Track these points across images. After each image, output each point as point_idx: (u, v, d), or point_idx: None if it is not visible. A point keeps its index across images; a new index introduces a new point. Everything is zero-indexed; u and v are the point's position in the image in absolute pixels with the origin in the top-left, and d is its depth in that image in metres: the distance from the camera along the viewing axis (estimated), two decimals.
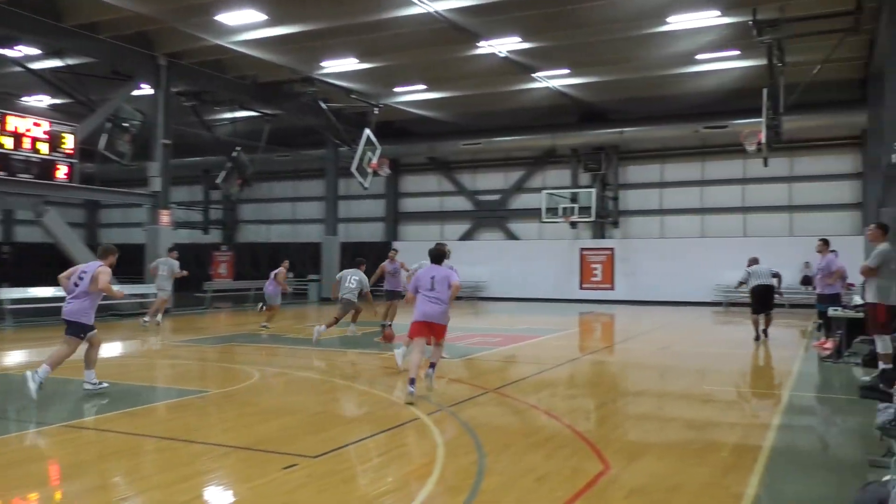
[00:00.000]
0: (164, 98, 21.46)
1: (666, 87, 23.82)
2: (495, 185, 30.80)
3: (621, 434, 6.87)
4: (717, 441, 6.69)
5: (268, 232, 35.90)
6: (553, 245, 28.77)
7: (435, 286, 8.64)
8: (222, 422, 7.35)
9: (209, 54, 21.29)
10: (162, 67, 21.18)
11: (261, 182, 34.93)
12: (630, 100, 25.41)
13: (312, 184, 34.03)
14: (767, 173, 23.78)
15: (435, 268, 8.86)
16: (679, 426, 7.35)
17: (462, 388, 9.21)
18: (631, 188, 28.43)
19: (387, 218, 32.61)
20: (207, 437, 6.67)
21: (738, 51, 19.79)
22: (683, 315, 22.07)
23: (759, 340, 14.93)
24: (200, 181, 36.05)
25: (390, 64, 21.61)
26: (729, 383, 10.08)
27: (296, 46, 20.09)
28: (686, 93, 24.12)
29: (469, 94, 24.82)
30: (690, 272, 26.29)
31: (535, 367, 11.13)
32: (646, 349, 13.69)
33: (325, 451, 6.04)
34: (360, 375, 10.24)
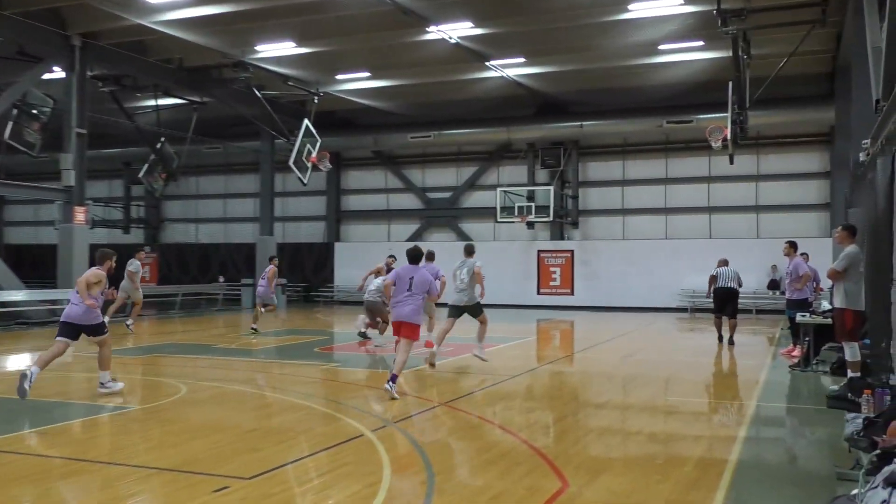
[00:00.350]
0: (79, 82, 20.92)
1: (628, 79, 24.23)
2: (446, 181, 30.90)
3: (581, 449, 6.96)
4: (682, 455, 6.83)
5: (196, 232, 35.39)
6: (508, 247, 28.98)
7: (413, 287, 9.72)
8: (145, 441, 7.23)
9: (130, 35, 20.81)
10: (76, 48, 20.65)
11: (188, 177, 34.35)
12: (590, 91, 25.77)
13: (246, 179, 33.69)
14: (733, 171, 24.37)
15: (414, 268, 9.91)
16: (642, 440, 7.49)
17: (410, 402, 9.21)
18: (591, 186, 28.84)
19: (328, 217, 32.41)
20: (128, 457, 6.53)
21: (703, 41, 20.24)
22: (647, 322, 22.46)
23: (722, 341, 15.98)
24: (120, 175, 35.32)
25: (332, 49, 21.47)
26: (694, 394, 10.29)
27: (227, 28, 19.80)
28: (649, 85, 24.58)
29: (418, 83, 24.84)
30: (654, 276, 26.80)
31: (490, 379, 11.18)
32: (608, 358, 13.88)
33: (260, 472, 5.97)
34: (298, 388, 10.15)
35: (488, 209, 28.45)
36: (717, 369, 13.10)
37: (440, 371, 11.86)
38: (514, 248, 28.97)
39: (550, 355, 15.36)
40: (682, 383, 11.16)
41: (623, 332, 19.25)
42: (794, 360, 12.76)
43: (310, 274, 32.19)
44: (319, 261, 32.11)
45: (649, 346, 16.41)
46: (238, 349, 14.87)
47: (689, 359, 14.08)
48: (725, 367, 13.25)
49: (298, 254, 32.36)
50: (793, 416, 9.13)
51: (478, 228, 30.16)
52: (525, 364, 13.37)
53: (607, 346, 16.19)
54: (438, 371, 11.87)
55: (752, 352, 15.33)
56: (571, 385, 11.37)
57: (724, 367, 13.34)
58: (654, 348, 15.89)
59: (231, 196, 34.65)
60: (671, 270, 26.60)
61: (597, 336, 18.91)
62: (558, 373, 12.48)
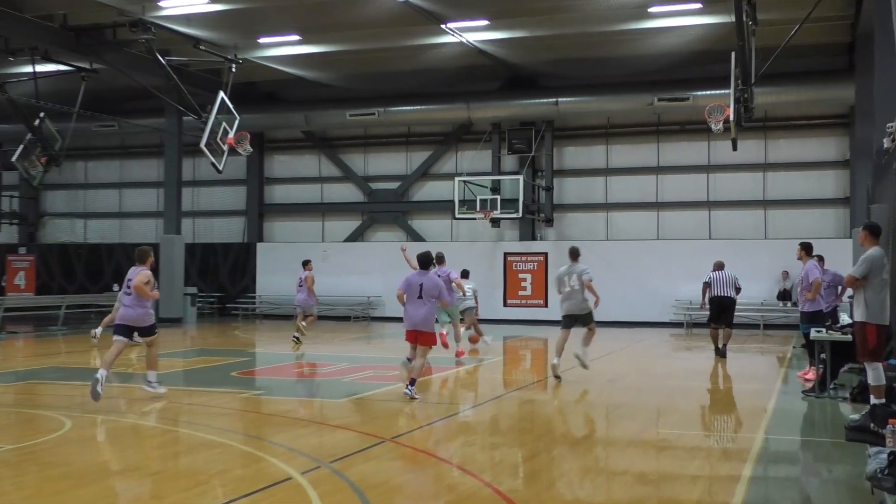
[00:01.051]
0: None
1: (612, 48, 24.44)
2: (394, 169, 30.86)
3: (557, 494, 6.99)
4: (677, 499, 6.90)
5: (85, 229, 34.81)
6: (469, 249, 29.01)
7: (423, 294, 11.45)
8: (19, 489, 7.08)
9: None
10: None
11: (75, 161, 33.71)
12: (567, 62, 25.93)
13: (147, 165, 33.24)
14: (737, 159, 24.68)
15: (423, 274, 11.69)
16: (629, 481, 7.54)
17: (349, 437, 9.17)
18: (569, 175, 29.01)
19: (248, 211, 32.13)
20: None
21: (700, 4, 20.51)
22: (635, 339, 22.67)
23: (718, 355, 17.14)
24: None
25: (252, 6, 21.27)
26: (691, 425, 10.42)
27: None
28: (637, 55, 24.83)
29: (359, 50, 24.75)
30: (644, 284, 27.04)
31: (446, 408, 11.17)
32: (588, 383, 13.95)
33: None
34: (212, 422, 10.04)
35: (444, 203, 28.46)
36: (719, 396, 13.28)
37: (386, 399, 11.83)
38: (475, 250, 29.01)
39: (519, 380, 15.39)
40: (676, 413, 11.29)
41: (606, 351, 19.37)
42: (807, 384, 12.99)
43: (226, 281, 31.86)
44: (238, 265, 31.80)
45: (638, 368, 16.57)
46: (136, 374, 14.63)
47: (686, 383, 14.24)
48: (728, 394, 13.44)
49: (212, 256, 32.00)
50: (806, 450, 9.30)
51: (432, 226, 30.15)
52: (489, 390, 13.38)
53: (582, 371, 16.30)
54: (384, 399, 11.84)
55: (759, 375, 15.57)
56: (545, 416, 11.42)
57: (727, 393, 13.53)
58: (644, 371, 16.05)
59: (128, 185, 34.13)
60: (664, 277, 26.88)
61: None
62: (529, 401, 12.51)
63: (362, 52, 25.03)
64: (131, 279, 11.67)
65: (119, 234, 34.12)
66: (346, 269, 29.54)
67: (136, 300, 11.64)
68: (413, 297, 11.57)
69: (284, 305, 30.23)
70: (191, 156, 28.80)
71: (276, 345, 20.78)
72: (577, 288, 13.63)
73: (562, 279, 13.78)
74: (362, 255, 29.98)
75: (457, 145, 30.12)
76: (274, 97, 30.69)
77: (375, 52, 24.92)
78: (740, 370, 15.84)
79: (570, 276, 13.68)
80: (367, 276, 29.26)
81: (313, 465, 7.80)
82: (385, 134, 30.72)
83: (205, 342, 21.79)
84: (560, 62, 25.97)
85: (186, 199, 29.98)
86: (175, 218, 27.76)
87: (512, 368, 17.36)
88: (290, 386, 13.78)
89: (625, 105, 26.83)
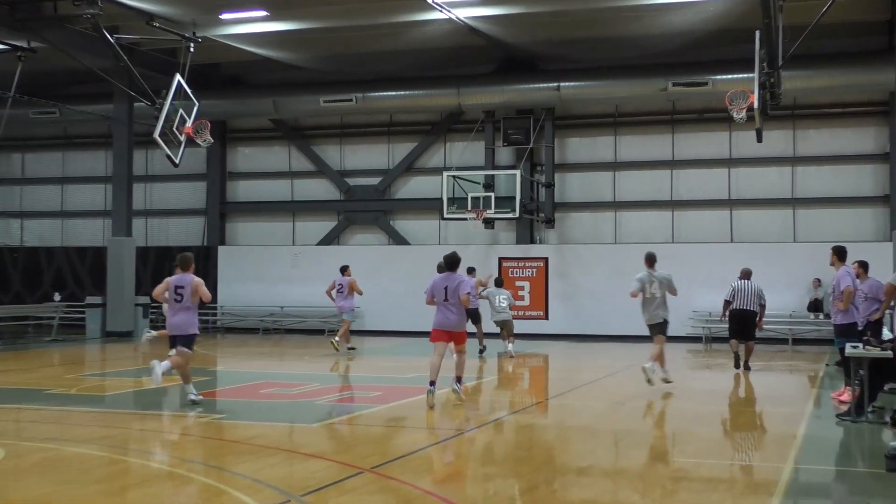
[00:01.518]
0: None
1: (621, 26, 24.45)
2: (374, 162, 30.82)
3: None
4: None
5: (21, 230, 34.70)
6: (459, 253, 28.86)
7: (449, 296, 12.84)
8: None
9: None
10: None
11: (9, 153, 33.62)
12: (570, 42, 25.94)
13: (93, 157, 33.19)
14: (762, 152, 24.79)
15: (450, 276, 13.07)
16: None
17: (322, 467, 9.14)
18: (572, 170, 29.05)
19: (209, 210, 32.04)
20: None
21: None
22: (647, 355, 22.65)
23: (739, 367, 17.93)
24: None
25: None
26: (710, 453, 10.41)
27: None
28: (649, 34, 24.82)
29: (334, 28, 24.70)
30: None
31: (433, 435, 11.14)
32: (593, 406, 13.96)
33: None
34: (167, 450, 10.00)
35: (431, 201, 28.40)
36: (742, 420, 13.29)
37: (365, 424, 11.80)
38: (466, 254, 28.60)
39: (516, 402, 15.37)
40: (694, 439, 11.30)
41: (613, 369, 19.39)
42: (843, 406, 13.01)
43: None
44: (196, 271, 31.48)
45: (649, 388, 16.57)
46: (81, 396, 14.58)
47: (704, 406, 14.24)
48: (752, 418, 13.44)
49: (167, 262, 31.71)
50: (841, 482, 9.31)
51: (417, 227, 30.15)
52: (482, 414, 13.36)
53: (592, 389, 16.30)
54: (362, 424, 11.80)
55: (787, 396, 15.59)
56: (544, 443, 11.42)
57: (751, 417, 13.54)
58: (656, 392, 16.06)
59: (72, 180, 33.99)
60: (679, 286, 26.52)
61: (578, 375, 19.00)
62: (527, 426, 12.49)
63: (338, 31, 24.99)
64: (182, 286, 13.27)
65: (61, 236, 33.99)
66: (320, 277, 29.18)
67: (186, 307, 13.20)
68: (440, 300, 12.91)
69: (249, 317, 30.24)
70: (143, 147, 28.70)
71: (241, 362, 20.73)
72: (658, 295, 15.10)
73: (644, 285, 15.08)
74: (338, 260, 29.77)
75: (445, 136, 30.13)
76: (238, 81, 30.62)
77: (353, 30, 24.87)
78: (766, 391, 15.86)
79: (652, 283, 15.13)
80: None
81: (282, 498, 7.78)
82: (364, 123, 30.68)
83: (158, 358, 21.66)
84: (562, 42, 25.98)
85: (138, 196, 29.91)
86: (125, 218, 27.67)
87: (507, 389, 17.34)
88: (255, 409, 13.73)
89: (635, 91, 26.87)
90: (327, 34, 25.36)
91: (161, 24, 23.66)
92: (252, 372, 18.70)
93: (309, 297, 28.92)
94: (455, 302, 12.86)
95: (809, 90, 25.18)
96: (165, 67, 24.70)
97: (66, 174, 34.16)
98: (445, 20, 23.93)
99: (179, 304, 13.19)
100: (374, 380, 17.59)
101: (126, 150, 27.72)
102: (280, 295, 29.48)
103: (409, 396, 14.45)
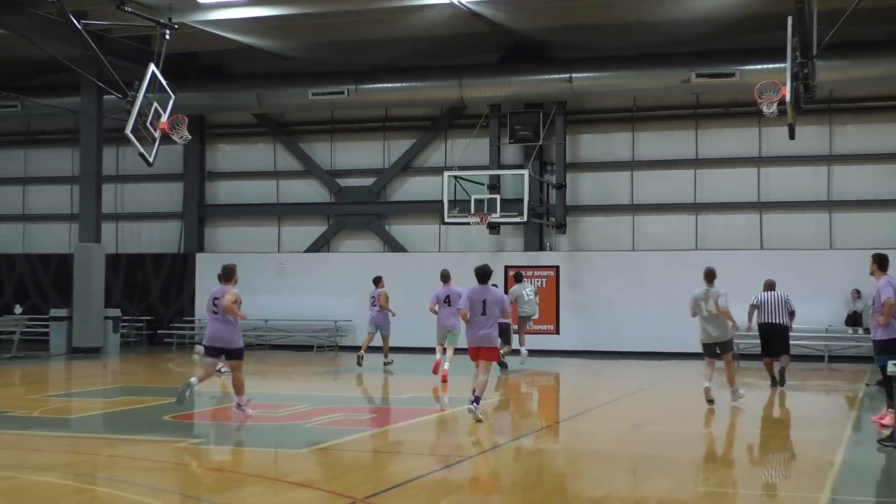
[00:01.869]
0: None
1: (639, 11, 24.47)
2: (367, 161, 30.82)
3: None
4: None
5: None
6: (462, 261, 28.79)
7: (486, 310, 13.58)
8: None
9: None
10: None
11: None
12: (584, 29, 25.93)
13: (58, 155, 33.18)
14: (795, 150, 24.77)
15: (485, 289, 13.83)
16: None
17: (312, 497, 9.13)
18: (586, 170, 29.03)
19: (186, 214, 32.02)
20: None
21: None
22: (667, 373, 22.67)
23: (774, 386, 18.34)
24: None
25: None
26: (738, 482, 10.39)
27: None
28: (671, 20, 24.84)
29: (324, 13, 24.71)
30: (678, 305, 26.67)
31: (433, 461, 11.11)
32: (609, 429, 13.93)
33: None
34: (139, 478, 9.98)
35: (431, 204, 28.42)
36: (773, 445, 13.26)
37: (357, 449, 11.78)
38: (469, 262, 28.70)
39: (524, 425, 15.35)
40: (719, 466, 11.28)
41: (631, 389, 19.38)
42: (884, 430, 12.98)
43: (157, 301, 31.74)
44: (172, 281, 31.68)
45: (670, 410, 16.55)
46: (44, 418, 14.54)
47: (732, 430, 14.22)
48: (785, 443, 13.42)
49: (140, 270, 31.87)
50: None
51: (415, 233, 30.14)
52: (487, 438, 13.34)
53: (608, 411, 16.27)
54: (355, 449, 11.80)
55: (823, 419, 15.55)
56: (555, 470, 11.39)
57: (783, 441, 13.51)
58: (678, 414, 16.03)
59: (35, 181, 33.97)
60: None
61: (592, 395, 18.97)
62: (536, 451, 12.46)
63: (328, 16, 24.99)
64: (218, 297, 13.98)
65: (23, 242, 33.96)
66: (308, 287, 29.51)
67: (223, 319, 13.91)
68: (477, 313, 13.68)
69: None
70: (113, 144, 28.72)
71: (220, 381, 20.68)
72: (714, 313, 15.63)
73: (698, 303, 15.80)
74: (328, 268, 29.90)
75: (446, 132, 30.14)
76: (218, 72, 30.64)
77: (345, 15, 24.88)
78: (800, 413, 15.83)
79: (707, 301, 15.69)
80: (335, 296, 29.17)
81: None
82: (357, 118, 30.71)
83: (130, 378, 21.71)
84: (575, 28, 25.97)
85: (108, 198, 29.94)
86: (94, 222, 27.66)
87: (515, 411, 17.31)
88: (237, 433, 13.71)
89: (655, 82, 26.88)
90: (316, 20, 25.34)
91: (133, 8, 23.64)
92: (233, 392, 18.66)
93: (296, 309, 28.93)
94: (492, 315, 13.69)
95: (847, 81, 25.16)
96: (138, 56, 24.70)
97: (29, 174, 34.11)
98: (446, 4, 23.94)
99: (216, 317, 14.00)
100: (367, 401, 17.55)
101: (95, 148, 27.70)
102: (264, 307, 29.34)
103: (405, 420, 14.42)
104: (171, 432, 13.34)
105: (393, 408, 15.98)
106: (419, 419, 14.62)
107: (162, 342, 30.79)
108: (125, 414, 15.37)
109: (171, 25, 23.82)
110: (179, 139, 23.43)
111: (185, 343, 30.33)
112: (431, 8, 24.32)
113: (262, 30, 26.44)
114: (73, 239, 29.68)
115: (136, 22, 24.03)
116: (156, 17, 23.78)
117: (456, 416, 15.18)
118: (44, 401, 16.80)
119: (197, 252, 31.59)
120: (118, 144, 27.47)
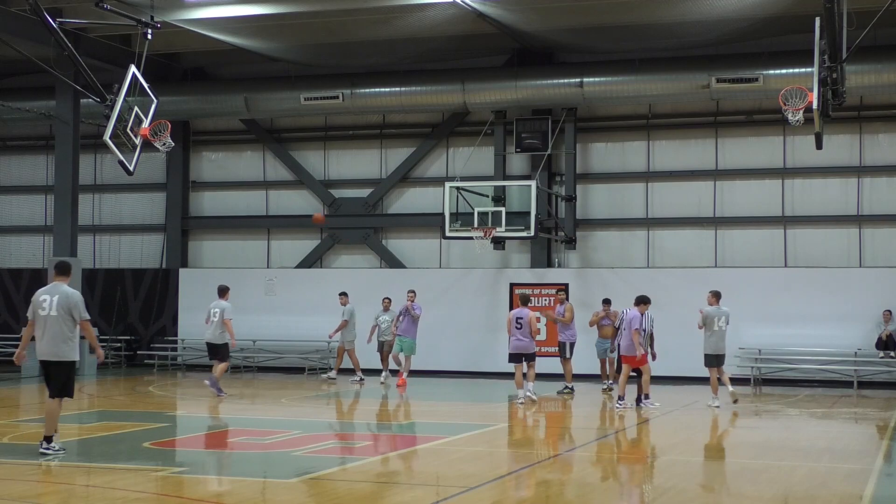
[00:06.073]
0: None
1: (655, 12, 24.48)
2: (363, 171, 30.86)
3: None
4: None
5: None
6: (464, 278, 29.00)
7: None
8: None
9: None
10: None
11: None
12: (596, 30, 25.98)
13: (31, 163, 33.15)
14: (823, 161, 24.81)
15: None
16: None
17: None
18: (597, 181, 29.05)
19: (168, 226, 32.03)
20: None
21: None
22: (684, 400, 22.64)
23: None
24: None
25: None
26: None
27: None
28: (689, 22, 24.85)
29: (317, 12, 24.79)
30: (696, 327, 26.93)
31: (433, 493, 11.12)
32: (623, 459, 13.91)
33: None
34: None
35: (431, 217, 28.45)
36: (798, 477, 13.23)
37: (352, 480, 11.78)
38: (472, 280, 28.98)
39: (531, 454, 15.29)
40: (741, 499, 11.24)
41: (645, 416, 19.37)
42: None
43: (137, 320, 31.74)
44: (154, 298, 31.67)
45: (688, 439, 16.55)
46: (15, 445, 14.54)
47: (753, 460, 14.21)
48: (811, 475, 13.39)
49: (119, 286, 31.86)
50: None
51: (414, 248, 30.14)
52: (490, 468, 13.33)
53: (621, 440, 16.24)
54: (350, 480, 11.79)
55: (852, 449, 15.53)
56: (566, 501, 11.39)
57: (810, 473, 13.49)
58: (696, 443, 16.04)
59: (6, 190, 33.90)
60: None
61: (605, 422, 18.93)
62: (544, 482, 12.45)
63: (322, 15, 25.09)
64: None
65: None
66: (300, 305, 29.47)
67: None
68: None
69: None
70: (91, 151, 28.78)
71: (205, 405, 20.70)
72: (724, 329, 20.26)
73: (711, 319, 20.18)
74: (321, 285, 29.82)
75: (448, 140, 30.17)
76: (204, 75, 30.71)
77: (340, 14, 24.99)
78: (828, 443, 15.79)
79: (720, 318, 20.20)
80: (328, 314, 29.02)
81: None
82: (352, 124, 30.77)
83: (108, 402, 21.71)
84: (586, 30, 26.04)
85: (85, 209, 29.99)
86: (69, 235, 27.68)
87: (520, 439, 17.31)
88: (222, 461, 13.70)
89: (672, 87, 26.85)
90: (309, 19, 25.42)
91: (113, 6, 23.70)
92: (218, 417, 18.64)
93: (286, 328, 28.94)
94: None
95: (879, 87, 25.14)
96: (118, 57, 24.84)
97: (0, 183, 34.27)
98: (449, 4, 23.99)
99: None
100: (362, 427, 17.53)
101: (70, 155, 27.72)
102: (252, 327, 29.23)
103: (403, 448, 14.41)
104: (151, 460, 13.36)
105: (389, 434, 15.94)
106: (418, 447, 14.61)
107: (142, 363, 30.78)
108: (102, 440, 15.38)
109: (154, 24, 23.87)
110: (162, 146, 23.43)
111: (166, 364, 30.33)
112: (433, 7, 24.33)
113: (251, 30, 26.49)
114: (47, 253, 29.73)
115: (116, 20, 24.07)
116: (137, 15, 23.82)
117: (458, 445, 15.16)
118: (14, 426, 16.81)
119: (180, 267, 31.59)
120: (96, 152, 27.54)
